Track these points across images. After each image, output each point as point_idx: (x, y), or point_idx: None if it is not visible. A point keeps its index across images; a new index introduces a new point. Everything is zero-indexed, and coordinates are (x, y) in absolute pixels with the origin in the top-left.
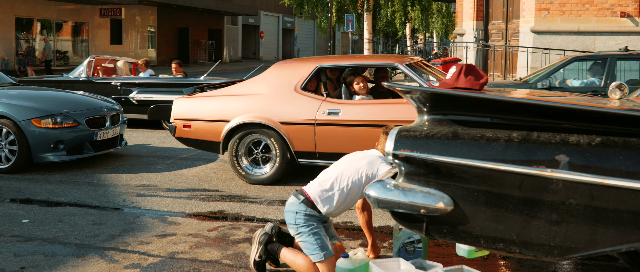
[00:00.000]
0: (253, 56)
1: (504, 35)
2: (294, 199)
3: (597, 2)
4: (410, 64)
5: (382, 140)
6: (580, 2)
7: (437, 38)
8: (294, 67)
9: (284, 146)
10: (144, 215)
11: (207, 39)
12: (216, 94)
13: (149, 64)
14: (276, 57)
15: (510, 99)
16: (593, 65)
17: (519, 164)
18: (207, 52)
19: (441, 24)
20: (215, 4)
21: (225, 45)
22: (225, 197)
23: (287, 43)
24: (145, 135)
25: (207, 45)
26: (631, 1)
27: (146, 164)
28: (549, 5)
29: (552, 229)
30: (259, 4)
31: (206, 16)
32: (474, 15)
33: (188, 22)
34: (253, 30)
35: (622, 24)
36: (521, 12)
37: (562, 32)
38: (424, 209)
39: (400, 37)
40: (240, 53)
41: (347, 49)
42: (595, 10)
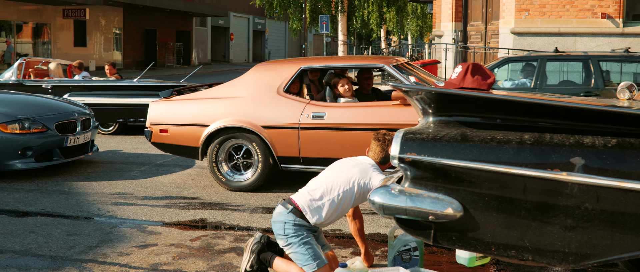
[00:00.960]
0: (223, 59)
1: (483, 36)
2: (282, 208)
3: (578, 3)
4: (397, 65)
5: (373, 146)
6: (560, 3)
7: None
8: (275, 68)
9: (267, 151)
10: (121, 225)
11: (175, 41)
12: (194, 97)
13: (83, 66)
14: (246, 59)
15: (522, 99)
16: (525, 66)
17: (532, 167)
18: (175, 54)
19: (416, 26)
20: (184, 5)
21: (194, 48)
22: (205, 205)
23: (257, 45)
24: (116, 141)
25: (175, 48)
26: (611, 2)
27: (119, 171)
28: (529, 6)
29: (567, 235)
30: (229, 4)
31: (174, 17)
32: (453, 16)
33: (155, 24)
34: (223, 32)
35: (602, 25)
36: (501, 13)
37: (543, 34)
38: (432, 215)
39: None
40: (209, 56)
41: (320, 51)
42: (575, 11)
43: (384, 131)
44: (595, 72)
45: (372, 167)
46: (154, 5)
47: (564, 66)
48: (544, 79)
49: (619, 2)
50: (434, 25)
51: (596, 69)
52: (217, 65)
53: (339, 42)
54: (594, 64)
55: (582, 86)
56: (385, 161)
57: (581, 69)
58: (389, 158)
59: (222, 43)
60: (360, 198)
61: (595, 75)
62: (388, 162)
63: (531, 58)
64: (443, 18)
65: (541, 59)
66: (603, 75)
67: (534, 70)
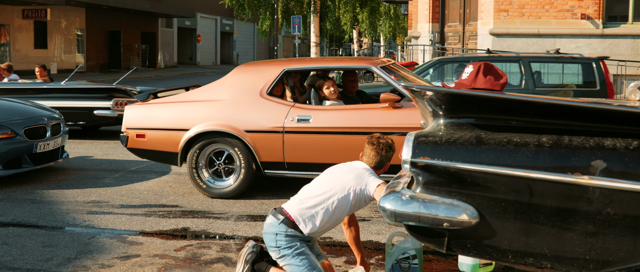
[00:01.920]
0: (190, 61)
1: (461, 37)
2: (273, 219)
3: (557, 4)
4: (384, 67)
5: (367, 150)
6: (539, 4)
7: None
8: (258, 70)
9: (249, 156)
10: (100, 235)
11: (140, 42)
12: (173, 100)
13: (12, 69)
14: (214, 62)
15: (539, 100)
16: (458, 67)
17: (551, 171)
18: (141, 56)
19: (389, 27)
20: (149, 5)
21: (160, 50)
22: (187, 213)
23: (225, 47)
24: (86, 146)
25: (141, 50)
26: (591, 3)
27: (92, 179)
28: (508, 7)
29: (588, 242)
30: (196, 5)
31: (139, 18)
32: (430, 17)
33: (119, 25)
34: (189, 33)
35: (582, 26)
36: (479, 13)
37: (522, 35)
38: (447, 222)
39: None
40: (175, 58)
41: (290, 53)
42: (555, 12)
43: (378, 135)
44: (526, 73)
45: (368, 172)
46: (118, 6)
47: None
48: None
49: (599, 2)
50: (410, 26)
51: (527, 70)
52: (184, 67)
53: (311, 43)
54: (525, 65)
55: (514, 87)
56: (381, 166)
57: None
58: (384, 163)
59: (188, 45)
60: (356, 206)
61: (526, 76)
62: (383, 167)
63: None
64: (420, 19)
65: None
66: (533, 76)
67: None
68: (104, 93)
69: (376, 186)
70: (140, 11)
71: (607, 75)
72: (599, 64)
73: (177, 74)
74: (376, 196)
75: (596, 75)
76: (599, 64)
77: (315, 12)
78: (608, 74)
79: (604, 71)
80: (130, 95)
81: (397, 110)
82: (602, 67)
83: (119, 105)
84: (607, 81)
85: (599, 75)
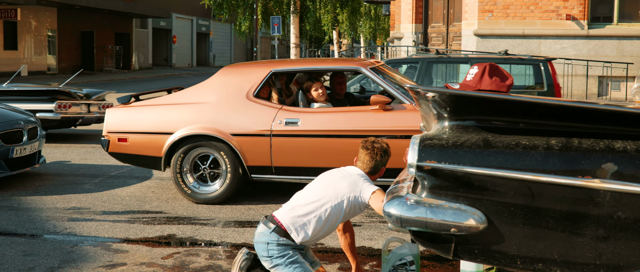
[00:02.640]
0: (165, 63)
1: (445, 38)
2: (264, 227)
3: (542, 4)
4: (375, 68)
5: (361, 155)
6: (524, 4)
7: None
8: (244, 72)
9: (236, 160)
10: (83, 243)
11: (114, 43)
12: (156, 103)
13: None
14: (190, 63)
15: (550, 102)
16: (408, 68)
17: (561, 174)
18: (114, 58)
19: (369, 28)
20: (123, 5)
21: (134, 51)
22: (172, 220)
23: (201, 48)
24: (62, 151)
25: (114, 51)
26: (576, 3)
27: (71, 184)
28: (492, 7)
29: (599, 246)
30: (171, 5)
31: (113, 18)
32: (413, 18)
33: (92, 25)
34: (165, 34)
35: (567, 27)
36: (463, 14)
37: (507, 36)
38: (454, 227)
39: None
40: (150, 59)
41: (268, 55)
42: (540, 12)
43: (373, 139)
44: None
45: (362, 179)
46: (91, 6)
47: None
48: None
49: (584, 3)
50: (393, 27)
51: None
52: (159, 69)
53: (291, 44)
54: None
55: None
56: (376, 171)
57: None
58: (380, 168)
59: (164, 46)
60: (350, 213)
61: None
62: (378, 172)
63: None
64: (402, 19)
65: (422, 61)
66: None
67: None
68: (46, 95)
69: (371, 192)
70: (114, 11)
71: (554, 76)
72: (547, 65)
73: (152, 76)
74: (371, 203)
75: (544, 76)
76: (546, 65)
77: (295, 12)
78: (555, 75)
79: (551, 72)
80: (75, 98)
81: (387, 113)
82: (549, 68)
83: (61, 108)
84: (554, 82)
85: (546, 77)
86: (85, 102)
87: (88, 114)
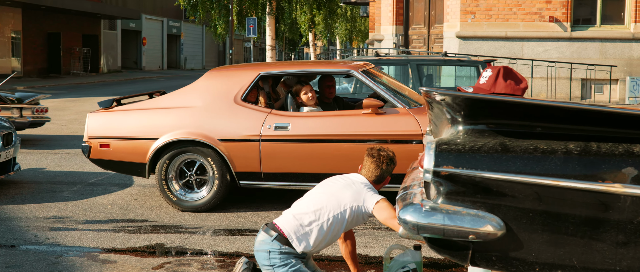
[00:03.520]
0: (134, 65)
1: (426, 40)
2: (265, 235)
3: (525, 6)
4: (366, 71)
5: (366, 163)
6: (507, 6)
7: (341, 45)
8: (231, 75)
9: (224, 166)
10: (68, 253)
11: (81, 45)
12: (139, 107)
13: None
14: (160, 66)
15: (567, 105)
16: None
17: (581, 179)
18: (82, 61)
19: (345, 30)
20: (91, 6)
21: (103, 53)
22: (158, 228)
23: (172, 51)
24: (36, 157)
25: (82, 53)
26: (559, 5)
27: (49, 192)
28: (475, 9)
29: (619, 252)
30: (141, 5)
31: (80, 19)
32: (393, 19)
33: (59, 27)
34: (134, 36)
35: (550, 29)
36: (445, 16)
37: (489, 38)
38: (473, 234)
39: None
40: (119, 62)
41: (241, 58)
42: (522, 14)
43: (379, 146)
44: (414, 76)
45: (366, 188)
46: (58, 6)
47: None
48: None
49: (567, 5)
50: (373, 29)
51: (415, 73)
52: (129, 72)
53: (267, 46)
54: (412, 68)
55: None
56: (381, 180)
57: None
58: (385, 177)
59: (133, 48)
60: (353, 223)
61: (413, 79)
62: (384, 181)
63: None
64: (383, 21)
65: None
66: (421, 79)
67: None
68: None
69: (375, 202)
70: (81, 12)
71: None
72: (485, 66)
73: (122, 79)
74: (376, 213)
75: None
76: (485, 66)
77: (271, 13)
78: None
79: None
80: (5, 102)
81: (380, 117)
82: None
83: None
84: None
85: None
86: (17, 106)
87: (20, 119)
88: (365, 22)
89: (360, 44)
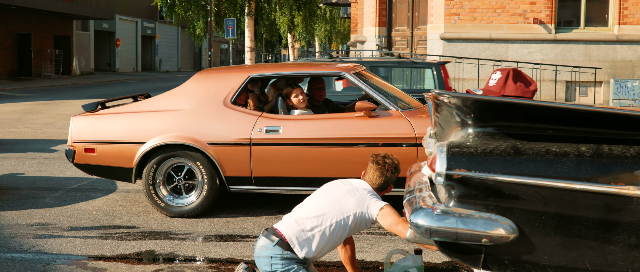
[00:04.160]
0: (108, 68)
1: (410, 42)
2: (266, 241)
3: (509, 8)
4: (358, 73)
5: (370, 170)
6: (491, 7)
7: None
8: (221, 77)
9: (213, 170)
10: (55, 261)
11: (53, 47)
12: (125, 110)
13: None
14: (135, 68)
15: (580, 107)
16: None
17: (594, 181)
18: (54, 62)
19: (324, 31)
20: (63, 6)
21: (75, 55)
22: (147, 235)
23: (147, 52)
24: (12, 162)
25: (54, 55)
26: (544, 7)
27: (30, 198)
28: (459, 11)
29: (631, 254)
30: (115, 6)
31: (52, 20)
32: (376, 21)
33: (30, 27)
34: (107, 37)
35: (534, 31)
36: (429, 17)
37: (474, 40)
38: (486, 238)
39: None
40: (92, 64)
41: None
42: (507, 16)
43: (384, 153)
44: None
45: (369, 194)
46: (28, 6)
47: None
48: None
49: (551, 7)
50: (355, 30)
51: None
52: (102, 74)
53: (245, 48)
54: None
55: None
56: (384, 187)
57: None
58: (389, 184)
59: (107, 50)
60: (355, 229)
61: None
62: (387, 188)
63: None
64: (365, 22)
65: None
66: None
67: None
68: None
69: (379, 209)
70: (53, 12)
71: (446, 79)
72: (439, 68)
73: (95, 82)
74: (380, 220)
75: (436, 80)
76: (438, 68)
77: (250, 14)
78: (447, 78)
79: (443, 76)
80: None
81: (373, 120)
82: (441, 71)
83: None
84: (446, 86)
85: (438, 80)
86: None
87: None
88: (345, 23)
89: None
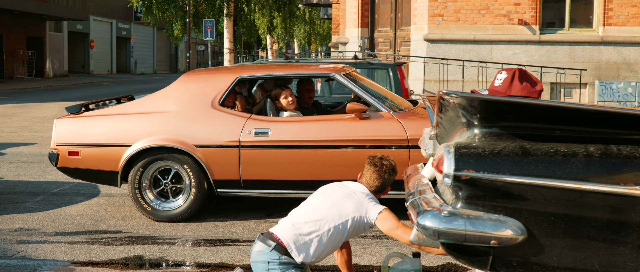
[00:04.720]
0: (82, 69)
1: (393, 43)
2: (263, 246)
3: (494, 9)
4: (348, 74)
5: (367, 173)
6: (476, 8)
7: (299, 48)
8: (208, 78)
9: (201, 173)
10: (41, 267)
11: (25, 48)
12: (110, 112)
13: None
14: (109, 70)
15: (588, 107)
16: None
17: (603, 182)
18: (26, 64)
19: (304, 32)
20: (36, 6)
21: (48, 57)
22: (134, 240)
23: (122, 54)
24: None
25: (26, 57)
26: (528, 8)
27: (11, 203)
28: (443, 11)
29: None
30: (89, 6)
31: (24, 21)
32: (359, 22)
33: (1, 28)
34: (82, 38)
35: (519, 32)
36: (412, 18)
37: (458, 41)
38: (495, 239)
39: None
40: (66, 66)
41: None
42: (491, 17)
43: (381, 155)
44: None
45: (368, 198)
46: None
47: None
48: None
49: (536, 8)
50: (336, 32)
51: None
52: (76, 76)
53: (224, 50)
54: None
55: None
56: (382, 190)
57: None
58: (386, 186)
59: (81, 51)
60: (354, 233)
61: (322, 83)
62: (384, 190)
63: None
64: (347, 24)
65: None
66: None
67: None
68: None
69: (378, 213)
70: (25, 13)
71: (402, 81)
72: (395, 69)
73: (69, 84)
74: (378, 224)
75: (392, 81)
76: (395, 70)
77: (229, 15)
78: (404, 79)
79: (399, 77)
80: None
81: (364, 122)
82: (398, 72)
83: None
84: (402, 87)
85: (394, 81)
86: None
87: None
88: (324, 24)
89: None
